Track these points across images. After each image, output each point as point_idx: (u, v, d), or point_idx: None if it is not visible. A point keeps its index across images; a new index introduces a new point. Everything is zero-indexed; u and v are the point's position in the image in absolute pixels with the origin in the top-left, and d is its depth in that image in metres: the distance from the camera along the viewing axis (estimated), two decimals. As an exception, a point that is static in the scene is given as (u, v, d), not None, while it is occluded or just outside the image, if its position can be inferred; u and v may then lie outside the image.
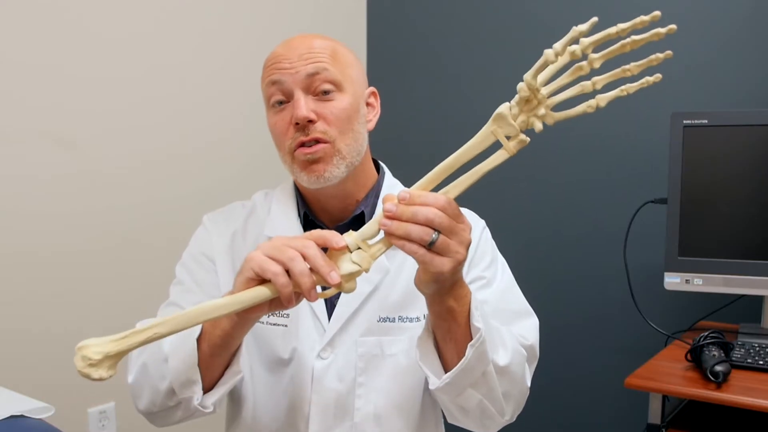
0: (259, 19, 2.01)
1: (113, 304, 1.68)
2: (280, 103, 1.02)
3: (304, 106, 0.98)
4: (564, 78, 0.77)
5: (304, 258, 0.78)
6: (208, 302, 0.77)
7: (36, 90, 1.55)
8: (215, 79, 1.91)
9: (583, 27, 0.71)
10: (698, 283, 1.59)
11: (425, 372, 0.92)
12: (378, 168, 1.15)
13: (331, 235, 0.80)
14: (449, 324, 0.87)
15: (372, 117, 1.10)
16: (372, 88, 1.11)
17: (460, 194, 0.80)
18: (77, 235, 1.63)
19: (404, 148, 2.23)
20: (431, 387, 0.92)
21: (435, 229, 0.77)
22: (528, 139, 0.78)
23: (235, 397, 1.09)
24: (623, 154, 1.94)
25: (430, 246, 0.77)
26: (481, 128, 0.79)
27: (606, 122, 1.91)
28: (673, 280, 1.61)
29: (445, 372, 0.90)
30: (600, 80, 0.77)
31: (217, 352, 0.90)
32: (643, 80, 0.77)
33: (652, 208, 1.70)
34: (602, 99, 0.77)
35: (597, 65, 0.75)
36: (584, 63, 0.75)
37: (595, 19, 0.71)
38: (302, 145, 1.00)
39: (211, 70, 1.90)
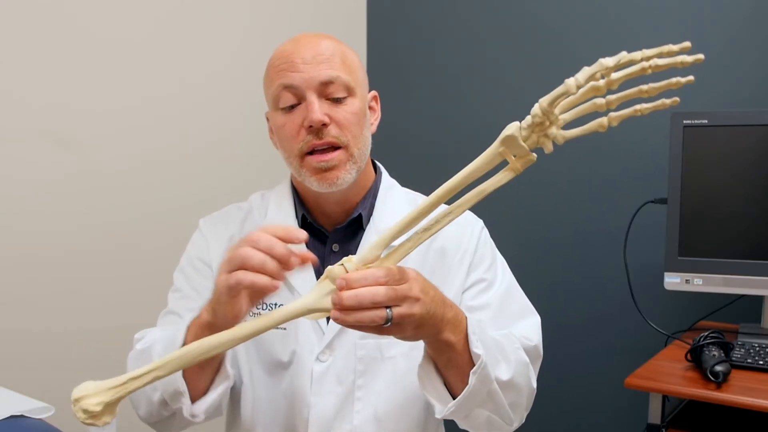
0: (259, 19, 2.01)
1: (113, 304, 1.68)
2: (292, 107, 1.01)
3: (319, 109, 0.98)
4: (578, 97, 0.73)
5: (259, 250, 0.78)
6: (203, 340, 0.78)
7: (36, 90, 1.55)
8: (215, 79, 1.91)
9: (610, 62, 0.68)
10: (698, 283, 1.59)
11: (430, 401, 0.91)
12: (375, 168, 1.14)
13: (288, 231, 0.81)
14: (449, 355, 0.87)
15: (374, 120, 1.10)
16: (374, 92, 1.11)
17: (463, 213, 0.79)
18: (77, 236, 1.62)
19: (404, 148, 2.23)
20: (437, 415, 0.91)
21: (386, 306, 0.76)
22: (535, 156, 0.76)
23: (234, 400, 1.08)
24: (623, 154, 1.94)
25: (387, 324, 0.77)
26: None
27: (606, 122, 1.91)
28: (673, 280, 1.61)
29: (452, 395, 0.90)
30: (614, 100, 0.73)
31: (203, 361, 0.90)
32: (659, 102, 0.73)
33: (652, 208, 1.70)
34: (614, 119, 0.74)
35: (615, 86, 0.71)
36: (601, 83, 0.71)
37: (624, 53, 0.68)
38: (314, 149, 0.99)
39: (210, 71, 1.90)
